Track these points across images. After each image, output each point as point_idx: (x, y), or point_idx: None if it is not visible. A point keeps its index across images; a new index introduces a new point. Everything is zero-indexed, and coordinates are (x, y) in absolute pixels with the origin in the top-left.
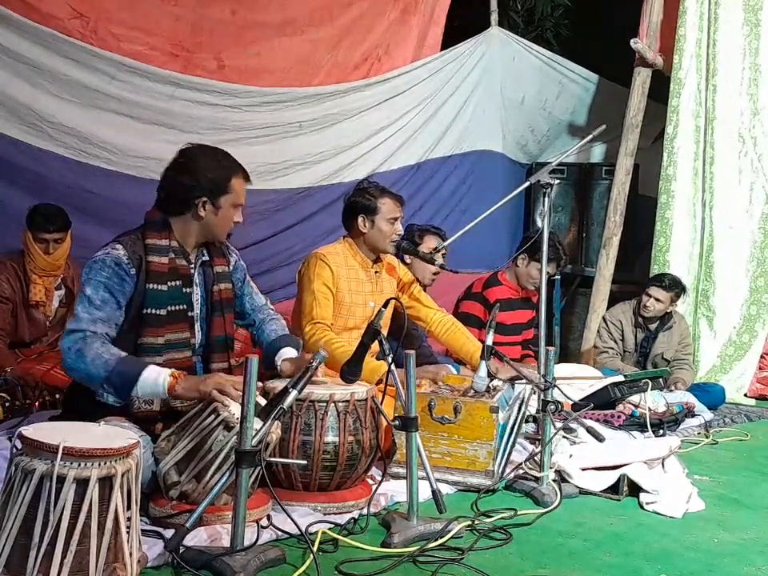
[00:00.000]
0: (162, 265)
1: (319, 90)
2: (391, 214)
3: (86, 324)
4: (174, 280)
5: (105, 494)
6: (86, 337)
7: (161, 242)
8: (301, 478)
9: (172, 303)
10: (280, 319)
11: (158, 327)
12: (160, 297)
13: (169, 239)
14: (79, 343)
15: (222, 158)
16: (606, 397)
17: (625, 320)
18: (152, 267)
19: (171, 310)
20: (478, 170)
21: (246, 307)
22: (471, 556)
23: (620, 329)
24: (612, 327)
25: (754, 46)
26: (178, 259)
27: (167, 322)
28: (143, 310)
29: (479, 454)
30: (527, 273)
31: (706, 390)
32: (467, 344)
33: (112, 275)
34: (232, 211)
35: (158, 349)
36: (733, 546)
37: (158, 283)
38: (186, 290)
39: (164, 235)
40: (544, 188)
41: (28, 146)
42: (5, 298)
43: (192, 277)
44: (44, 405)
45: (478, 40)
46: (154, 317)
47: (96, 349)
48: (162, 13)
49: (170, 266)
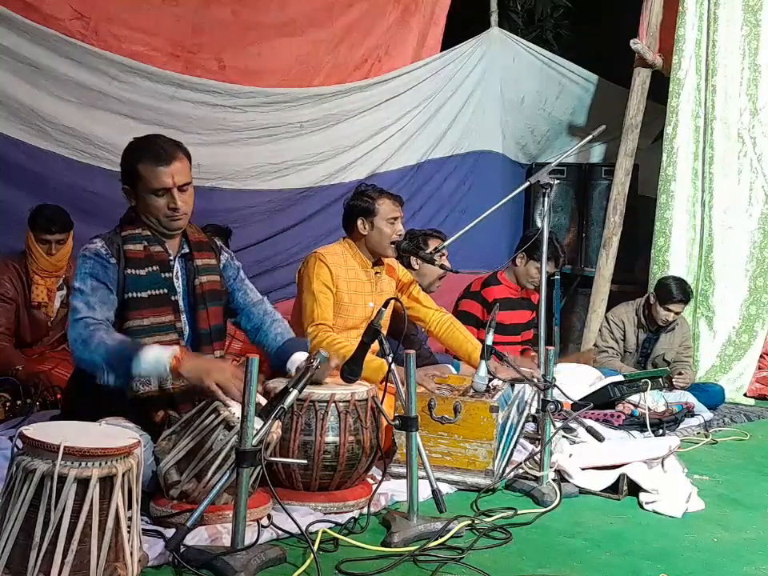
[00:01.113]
0: (137, 252)
1: (319, 91)
2: (390, 215)
3: (85, 312)
4: (151, 265)
5: (106, 494)
6: (89, 324)
7: (134, 231)
8: (301, 478)
9: (152, 287)
10: (282, 321)
11: (140, 310)
12: (139, 281)
13: (141, 228)
14: (83, 333)
15: (139, 144)
16: (605, 396)
17: (627, 320)
18: (129, 254)
19: (152, 294)
20: (478, 170)
21: (239, 303)
22: (471, 555)
23: (622, 329)
24: (614, 327)
25: (753, 46)
26: (152, 246)
27: (150, 304)
28: (126, 295)
29: (479, 453)
30: (526, 272)
31: (705, 390)
32: (466, 344)
33: (95, 264)
34: (151, 197)
35: (144, 330)
36: (732, 546)
37: (136, 268)
38: (165, 275)
39: (136, 226)
40: (544, 188)
41: (29, 146)
42: (8, 298)
43: (170, 263)
44: (44, 405)
45: (478, 40)
46: (135, 300)
47: (99, 336)
48: (163, 13)
49: (146, 253)
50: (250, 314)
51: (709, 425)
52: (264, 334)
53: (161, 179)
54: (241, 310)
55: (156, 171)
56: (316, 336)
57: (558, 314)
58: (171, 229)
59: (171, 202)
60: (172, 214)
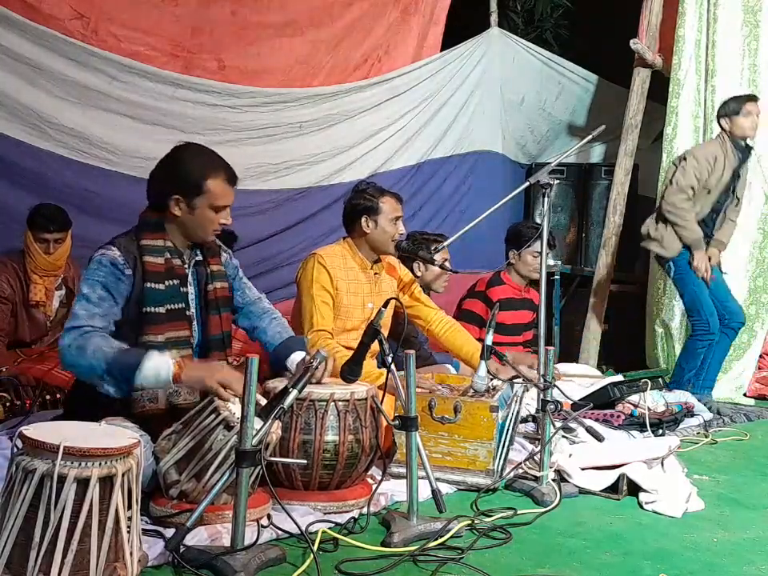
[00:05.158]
0: (158, 265)
1: (319, 91)
2: (393, 213)
3: (84, 320)
4: (171, 279)
5: (105, 494)
6: (85, 332)
7: (156, 242)
8: (301, 478)
9: (170, 302)
10: (281, 318)
11: (158, 325)
12: (158, 295)
13: (164, 239)
14: (79, 339)
15: (204, 157)
16: (605, 396)
17: (719, 155)
18: (148, 267)
19: (170, 308)
20: (478, 170)
21: (238, 301)
22: (471, 555)
23: (711, 165)
24: (704, 164)
25: (753, 47)
26: (173, 259)
27: (167, 320)
28: (143, 309)
29: (479, 453)
30: (524, 264)
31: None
32: (467, 345)
33: (108, 274)
34: (210, 212)
35: (159, 347)
36: (732, 546)
37: (155, 282)
38: (183, 290)
39: (158, 235)
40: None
41: (29, 146)
42: (4, 298)
43: (187, 277)
44: (44, 405)
45: (477, 40)
46: (153, 315)
47: (96, 342)
48: (163, 13)
49: (167, 266)
50: (249, 313)
51: (709, 425)
52: (263, 331)
53: (228, 199)
54: (240, 309)
55: (227, 190)
56: (315, 344)
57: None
58: (205, 240)
59: (224, 219)
60: (219, 229)
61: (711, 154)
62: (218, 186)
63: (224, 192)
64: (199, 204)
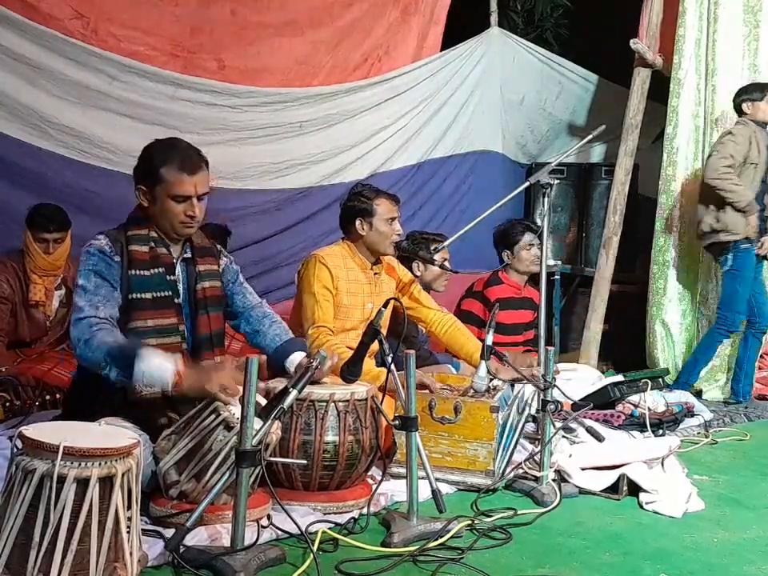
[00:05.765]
0: (143, 253)
1: (319, 91)
2: (388, 215)
3: (88, 310)
4: (157, 267)
5: (105, 494)
6: (92, 325)
7: (140, 232)
8: (301, 478)
9: (156, 289)
10: (281, 322)
11: (144, 311)
12: (144, 282)
13: (149, 230)
14: (86, 333)
15: (163, 147)
16: (605, 396)
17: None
18: (133, 255)
19: (157, 295)
20: (478, 170)
21: (238, 306)
22: (471, 556)
23: (748, 140)
24: (740, 139)
25: (753, 47)
26: (158, 248)
27: (153, 306)
28: (129, 296)
29: (479, 453)
30: (520, 260)
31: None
32: (467, 344)
33: (98, 261)
34: (170, 203)
35: (148, 332)
36: (732, 546)
37: (141, 269)
38: (170, 278)
39: (144, 227)
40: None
41: (29, 146)
42: (4, 297)
43: (175, 266)
44: (44, 405)
45: (478, 40)
46: (139, 301)
47: (100, 338)
48: (163, 13)
49: (151, 255)
50: (249, 317)
51: (709, 425)
52: (263, 335)
53: (185, 187)
54: (240, 314)
55: (181, 178)
56: (316, 339)
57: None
58: (182, 235)
59: (189, 210)
60: (188, 221)
61: (745, 132)
62: (171, 173)
63: (178, 180)
64: (158, 194)
